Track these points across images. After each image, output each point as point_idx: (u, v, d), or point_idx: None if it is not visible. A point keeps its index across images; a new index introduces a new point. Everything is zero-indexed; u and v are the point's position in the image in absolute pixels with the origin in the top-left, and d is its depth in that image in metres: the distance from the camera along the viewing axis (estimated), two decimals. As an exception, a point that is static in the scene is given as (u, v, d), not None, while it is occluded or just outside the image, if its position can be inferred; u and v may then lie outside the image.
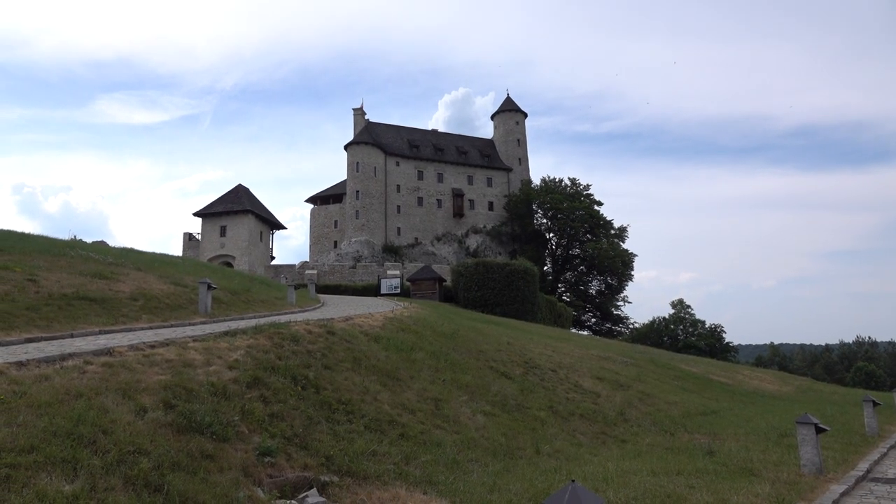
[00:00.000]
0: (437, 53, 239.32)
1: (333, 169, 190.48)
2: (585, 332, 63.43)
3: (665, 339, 71.79)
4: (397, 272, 50.57)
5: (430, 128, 78.96)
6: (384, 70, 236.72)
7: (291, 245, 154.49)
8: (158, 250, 30.61)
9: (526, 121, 77.53)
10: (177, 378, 7.68)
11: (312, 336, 11.58)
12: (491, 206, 71.66)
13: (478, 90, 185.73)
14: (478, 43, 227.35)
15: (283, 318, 14.07)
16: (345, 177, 67.33)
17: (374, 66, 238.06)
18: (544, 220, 70.36)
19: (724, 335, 72.70)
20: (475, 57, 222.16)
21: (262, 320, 13.25)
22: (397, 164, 67.94)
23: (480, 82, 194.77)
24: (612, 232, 68.11)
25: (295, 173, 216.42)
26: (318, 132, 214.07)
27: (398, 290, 41.70)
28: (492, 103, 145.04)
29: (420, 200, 68.18)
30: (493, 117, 78.46)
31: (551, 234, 69.89)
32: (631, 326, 69.80)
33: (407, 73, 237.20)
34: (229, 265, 48.73)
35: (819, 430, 9.32)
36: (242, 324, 12.42)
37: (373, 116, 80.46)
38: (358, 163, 64.21)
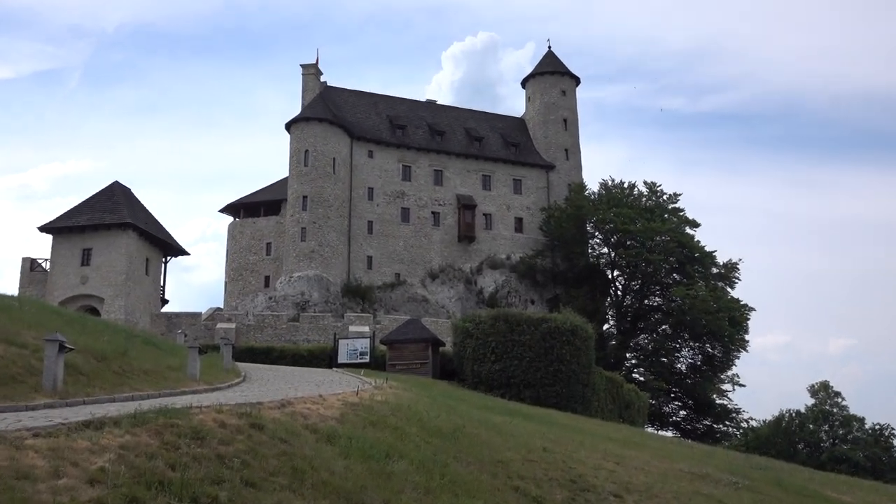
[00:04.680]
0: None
1: (268, 160, 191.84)
2: (670, 433, 63.01)
3: (800, 446, 71.34)
4: (366, 328, 50.30)
5: (425, 98, 79.97)
6: (359, 5, 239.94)
7: (196, 281, 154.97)
8: (-19, 286, 30.56)
9: (578, 90, 78.64)
10: (5, 498, 7.61)
11: (227, 432, 11.58)
12: (519, 224, 72.11)
13: (508, 40, 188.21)
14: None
15: (181, 401, 14.03)
16: (285, 173, 67.86)
17: (342, 1, 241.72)
18: (605, 250, 70.58)
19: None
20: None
21: (147, 403, 13.24)
22: (370, 154, 68.68)
23: (511, 28, 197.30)
24: (715, 271, 68.48)
25: (208, 166, 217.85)
26: (248, 101, 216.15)
27: (366, 359, 41.74)
28: (529, 62, 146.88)
29: (405, 214, 68.66)
30: (524, 83, 79.39)
31: (616, 273, 70.13)
32: (744, 425, 69.58)
33: (395, 10, 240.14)
34: (95, 312, 48.75)
35: None
36: (114, 409, 12.38)
37: (334, 78, 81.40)
38: (307, 151, 64.97)
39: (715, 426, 67.06)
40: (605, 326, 67.71)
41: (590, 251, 70.96)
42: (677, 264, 66.83)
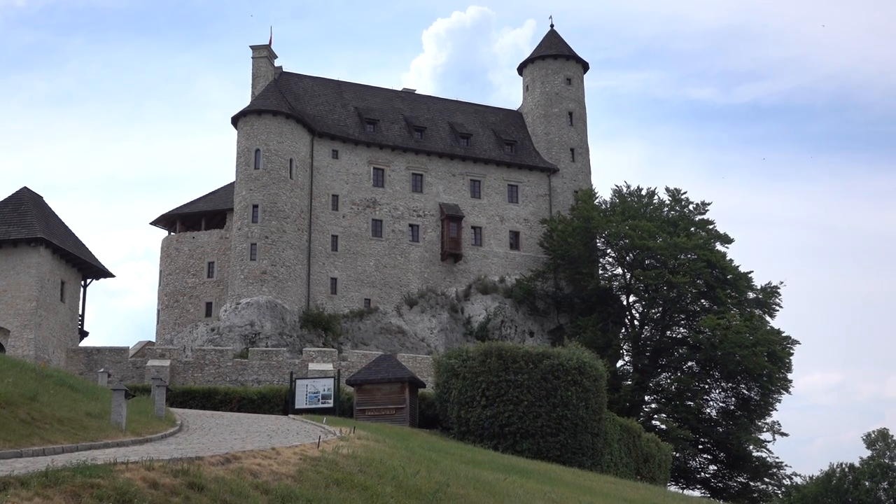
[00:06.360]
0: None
1: (211, 162, 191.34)
2: (697, 493, 63.27)
3: (853, 507, 71.41)
4: (329, 366, 50.32)
5: (401, 87, 80.00)
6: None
7: (123, 309, 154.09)
8: None
9: (586, 77, 79.31)
10: None
11: (160, 493, 11.52)
12: (515, 239, 72.51)
13: (503, 16, 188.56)
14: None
15: (103, 456, 14.04)
16: (232, 178, 67.85)
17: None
18: (619, 271, 70.91)
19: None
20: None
21: (61, 459, 13.28)
22: (335, 154, 68.85)
23: (507, 2, 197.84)
24: (752, 296, 68.78)
25: (137, 169, 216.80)
26: (186, 90, 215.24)
27: (330, 403, 41.83)
28: (528, 43, 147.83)
29: (377, 227, 68.83)
30: (522, 69, 79.84)
31: (632, 298, 70.42)
32: (787, 482, 69.54)
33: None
34: (-3, 347, 48.78)
35: None
36: (21, 465, 12.39)
37: (292, 62, 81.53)
38: (258, 150, 65.01)
39: (752, 484, 66.97)
40: (620, 363, 67.57)
41: (601, 272, 71.15)
42: (706, 288, 66.79)
